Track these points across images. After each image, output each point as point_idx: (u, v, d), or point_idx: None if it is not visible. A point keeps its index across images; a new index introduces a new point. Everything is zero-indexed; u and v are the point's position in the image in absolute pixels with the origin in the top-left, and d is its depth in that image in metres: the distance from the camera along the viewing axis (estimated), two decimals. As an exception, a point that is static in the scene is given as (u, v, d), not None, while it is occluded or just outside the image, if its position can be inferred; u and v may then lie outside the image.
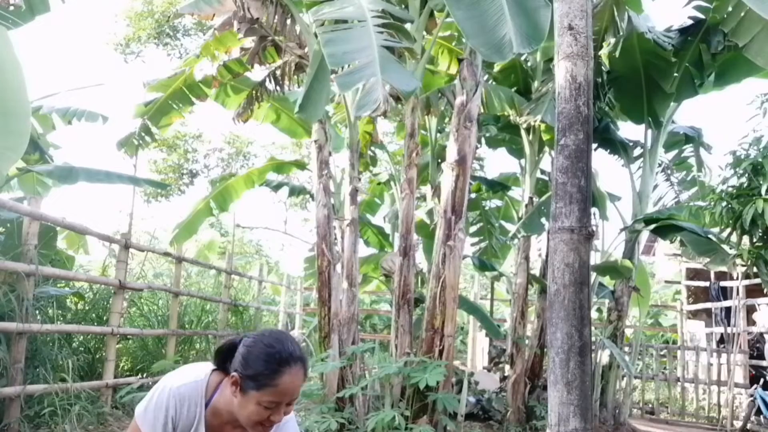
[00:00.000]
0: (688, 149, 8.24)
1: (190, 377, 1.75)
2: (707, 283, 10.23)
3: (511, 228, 8.74)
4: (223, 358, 1.75)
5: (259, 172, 8.04)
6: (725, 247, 5.76)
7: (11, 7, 4.47)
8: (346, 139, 5.87)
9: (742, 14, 5.34)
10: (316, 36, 5.44)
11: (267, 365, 1.61)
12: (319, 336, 5.69)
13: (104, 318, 6.09)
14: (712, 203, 5.08)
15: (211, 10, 5.89)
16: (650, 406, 9.50)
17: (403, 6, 5.49)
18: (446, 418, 4.91)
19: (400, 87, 4.07)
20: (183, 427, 1.71)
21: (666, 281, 14.89)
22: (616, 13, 6.41)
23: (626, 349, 8.43)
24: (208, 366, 1.80)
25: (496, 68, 7.61)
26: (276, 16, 5.64)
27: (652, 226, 6.70)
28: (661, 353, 9.93)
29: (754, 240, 5.05)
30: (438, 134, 7.86)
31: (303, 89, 5.19)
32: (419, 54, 5.44)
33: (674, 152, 8.40)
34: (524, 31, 4.19)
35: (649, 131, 7.49)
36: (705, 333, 11.03)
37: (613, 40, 6.83)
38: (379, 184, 9.24)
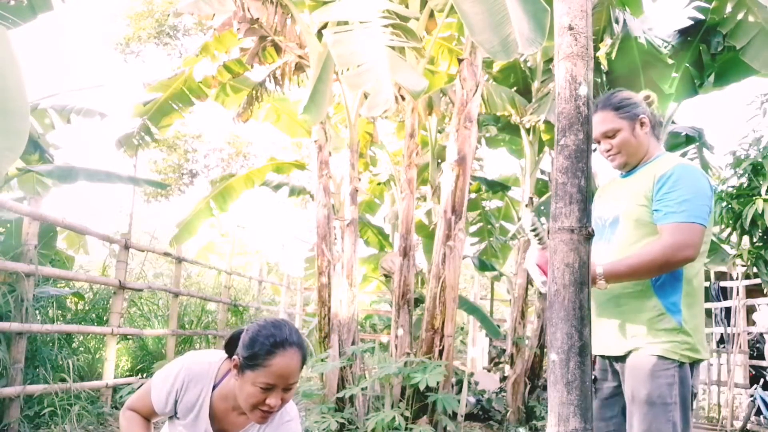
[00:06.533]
0: (691, 151, 8.23)
1: (206, 359, 1.86)
2: (707, 283, 10.23)
3: (511, 228, 8.74)
4: (232, 347, 1.82)
5: (259, 172, 8.04)
6: (725, 247, 5.76)
7: (11, 2, 4.43)
8: (346, 139, 5.86)
9: (740, 17, 5.34)
10: (319, 37, 5.44)
11: (262, 347, 1.67)
12: (319, 336, 5.69)
13: (104, 318, 6.10)
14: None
15: (211, 10, 5.88)
16: (650, 406, 9.48)
17: (404, 6, 5.49)
18: (446, 419, 4.91)
19: (410, 86, 4.07)
20: (186, 403, 1.80)
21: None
22: (612, 15, 6.41)
23: (626, 349, 8.42)
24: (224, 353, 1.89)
25: (496, 68, 7.61)
26: (276, 16, 5.63)
27: (652, 226, 6.67)
28: (661, 353, 9.90)
29: (754, 240, 5.05)
30: (438, 134, 7.86)
31: (307, 91, 5.19)
32: (425, 53, 5.45)
33: (677, 153, 8.39)
34: (529, 31, 4.18)
35: (649, 131, 7.48)
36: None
37: (610, 41, 6.82)
38: (379, 184, 9.23)
